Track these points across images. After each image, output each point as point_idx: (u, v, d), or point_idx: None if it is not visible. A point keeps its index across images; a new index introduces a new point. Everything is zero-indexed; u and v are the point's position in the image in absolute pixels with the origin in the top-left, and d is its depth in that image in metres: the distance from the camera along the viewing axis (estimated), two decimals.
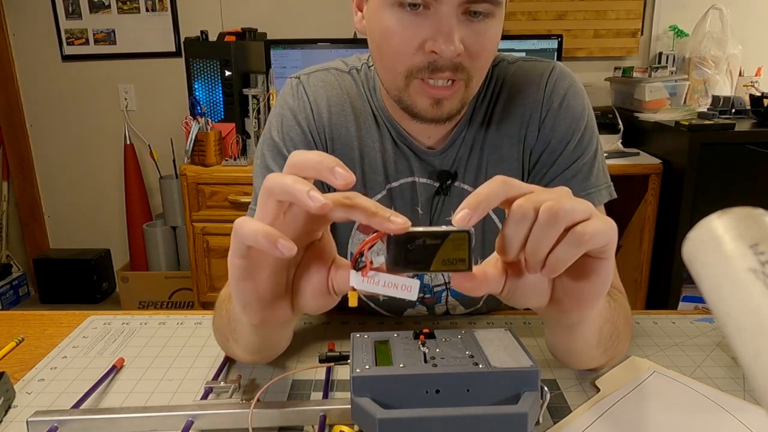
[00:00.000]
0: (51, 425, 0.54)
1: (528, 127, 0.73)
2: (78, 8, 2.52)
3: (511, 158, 0.74)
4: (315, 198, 0.39)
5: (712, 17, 2.21)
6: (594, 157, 0.73)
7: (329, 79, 0.76)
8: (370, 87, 0.76)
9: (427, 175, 0.75)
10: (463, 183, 0.75)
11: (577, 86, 0.74)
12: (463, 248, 0.40)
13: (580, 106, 0.73)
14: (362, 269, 0.42)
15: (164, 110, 2.59)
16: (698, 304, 0.90)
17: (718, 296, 0.26)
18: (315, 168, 0.41)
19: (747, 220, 0.27)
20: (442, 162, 0.75)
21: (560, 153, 0.72)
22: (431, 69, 0.61)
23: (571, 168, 0.72)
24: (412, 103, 0.65)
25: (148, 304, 2.49)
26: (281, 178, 0.41)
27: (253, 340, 0.57)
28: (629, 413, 0.57)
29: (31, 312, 0.84)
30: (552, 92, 0.73)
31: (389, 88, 0.68)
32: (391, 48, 0.62)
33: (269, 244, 0.39)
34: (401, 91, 0.65)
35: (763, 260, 0.25)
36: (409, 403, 0.45)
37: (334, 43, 2.15)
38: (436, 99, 0.64)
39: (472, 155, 0.74)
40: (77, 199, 2.78)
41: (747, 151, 1.75)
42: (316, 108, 0.75)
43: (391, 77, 0.65)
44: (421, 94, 0.64)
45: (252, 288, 0.45)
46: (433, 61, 0.61)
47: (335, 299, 0.47)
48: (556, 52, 2.18)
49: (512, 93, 0.74)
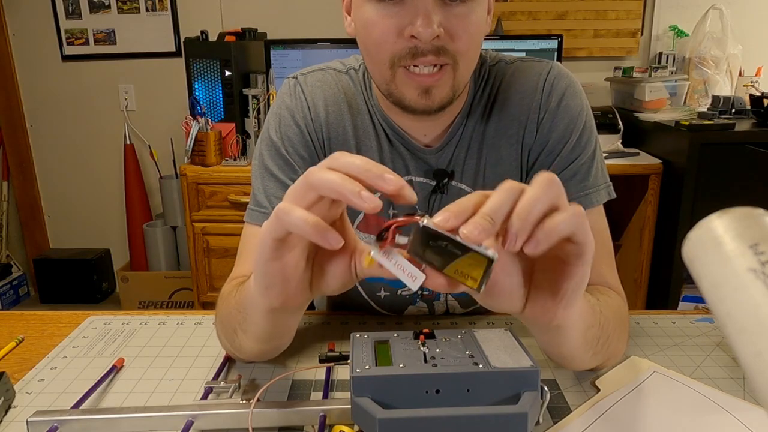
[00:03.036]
0: (51, 425, 0.54)
1: (526, 127, 0.73)
2: (78, 8, 2.52)
3: (509, 158, 0.74)
4: (368, 198, 0.39)
5: (712, 17, 2.21)
6: (592, 157, 0.73)
7: (326, 78, 0.77)
8: (366, 87, 0.76)
9: (423, 173, 0.75)
10: (461, 183, 0.75)
11: (576, 86, 0.74)
12: (479, 269, 0.40)
13: (578, 106, 0.73)
14: (384, 241, 0.43)
15: (164, 110, 2.59)
16: (698, 304, 0.90)
17: (718, 296, 0.26)
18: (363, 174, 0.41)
19: (747, 220, 0.27)
20: (438, 160, 0.75)
21: (558, 153, 0.72)
22: (413, 54, 0.62)
23: (570, 168, 0.72)
24: (401, 94, 0.65)
25: (148, 304, 2.49)
26: (326, 174, 0.41)
27: (265, 328, 0.56)
28: (629, 413, 0.57)
29: (31, 312, 0.84)
30: (550, 92, 0.73)
31: (379, 83, 0.68)
32: (373, 39, 0.63)
33: (318, 235, 0.41)
34: (389, 83, 0.65)
35: (763, 260, 0.25)
36: (409, 403, 0.45)
37: (334, 43, 2.15)
38: (423, 88, 0.64)
39: (469, 155, 0.74)
40: (77, 199, 2.78)
41: (747, 151, 1.75)
42: (314, 108, 0.75)
43: (378, 69, 0.66)
44: (407, 84, 0.64)
45: (279, 268, 0.46)
46: (414, 47, 0.61)
47: (355, 281, 0.49)
48: (556, 52, 2.18)
49: (510, 93, 0.74)
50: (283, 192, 0.74)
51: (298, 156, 0.74)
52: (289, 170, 0.73)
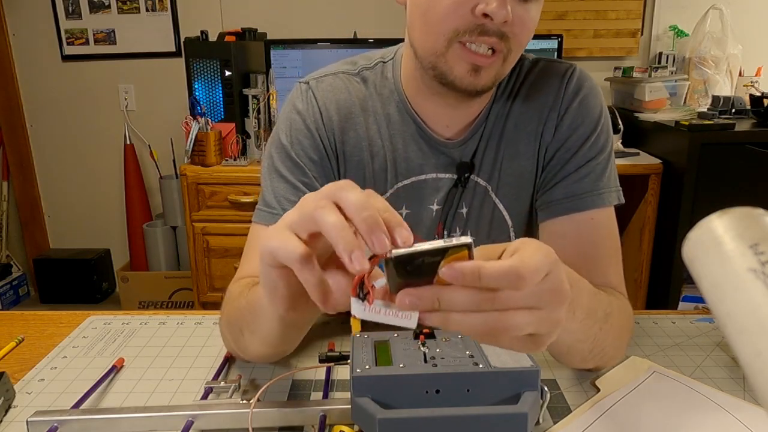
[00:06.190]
0: (51, 425, 0.54)
1: (546, 123, 0.74)
2: (78, 8, 2.51)
3: (526, 154, 0.75)
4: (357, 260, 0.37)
5: (712, 17, 2.21)
6: (608, 159, 0.74)
7: (337, 83, 0.77)
8: (388, 80, 0.76)
9: (443, 168, 0.76)
10: (477, 176, 0.76)
11: (596, 89, 0.76)
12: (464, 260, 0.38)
13: (599, 108, 0.75)
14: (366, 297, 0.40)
15: (164, 110, 2.59)
16: (698, 304, 0.90)
17: (718, 296, 0.26)
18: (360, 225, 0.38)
19: (747, 220, 0.27)
20: (462, 153, 0.75)
21: (576, 151, 0.73)
22: (478, 32, 0.62)
23: (586, 166, 0.73)
24: (449, 69, 0.65)
25: (148, 304, 2.49)
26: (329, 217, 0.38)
27: (274, 332, 0.56)
28: (629, 413, 0.57)
29: (31, 312, 0.84)
30: (572, 91, 0.74)
31: (425, 55, 0.67)
32: (440, 9, 0.63)
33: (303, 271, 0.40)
34: (439, 56, 0.65)
35: (763, 260, 0.25)
36: (409, 403, 0.46)
37: (334, 43, 2.15)
38: (474, 66, 0.64)
39: (488, 148, 0.75)
40: (77, 199, 2.78)
41: (747, 151, 1.75)
42: (326, 112, 0.75)
43: (432, 40, 0.65)
44: (461, 58, 0.64)
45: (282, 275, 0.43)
46: (482, 24, 0.62)
47: None
48: (556, 52, 2.18)
49: (532, 90, 0.75)
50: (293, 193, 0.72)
51: (308, 159, 0.74)
52: (298, 173, 0.73)
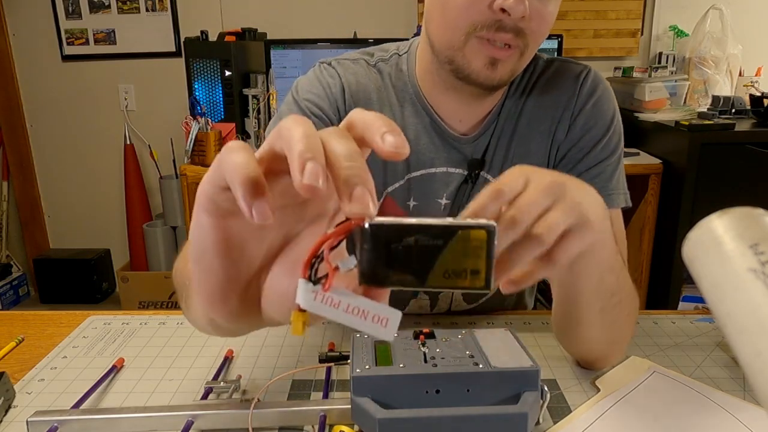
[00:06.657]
0: (51, 425, 0.53)
1: (559, 122, 0.75)
2: (78, 8, 2.51)
3: (538, 152, 0.75)
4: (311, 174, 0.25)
5: (712, 17, 2.21)
6: (618, 161, 0.75)
7: (359, 69, 0.77)
8: (403, 73, 0.76)
9: (454, 163, 0.76)
10: (488, 173, 0.76)
11: (610, 91, 0.77)
12: (479, 253, 0.26)
13: (612, 110, 0.76)
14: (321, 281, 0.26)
15: (164, 110, 2.59)
16: (698, 304, 0.90)
17: (718, 296, 0.26)
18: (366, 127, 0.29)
19: (747, 220, 0.27)
20: (474, 149, 0.75)
21: (588, 152, 0.74)
22: (496, 27, 0.62)
23: (597, 167, 0.73)
24: (466, 62, 0.65)
25: (148, 304, 2.48)
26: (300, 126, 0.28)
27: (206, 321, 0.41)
28: (629, 413, 0.57)
29: (31, 312, 0.84)
30: (587, 93, 0.75)
31: (442, 49, 0.67)
32: (459, 2, 0.63)
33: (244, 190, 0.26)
34: (456, 50, 0.65)
35: (763, 260, 0.25)
36: (409, 403, 0.46)
37: (334, 43, 2.15)
38: (492, 59, 0.64)
39: (499, 146, 0.76)
40: (77, 199, 2.78)
41: (747, 151, 1.75)
42: (348, 88, 0.75)
43: (449, 34, 0.65)
44: (478, 52, 0.64)
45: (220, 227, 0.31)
46: (500, 20, 0.62)
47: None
48: (556, 52, 2.18)
49: (546, 89, 0.75)
50: None
51: (318, 108, 0.73)
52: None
